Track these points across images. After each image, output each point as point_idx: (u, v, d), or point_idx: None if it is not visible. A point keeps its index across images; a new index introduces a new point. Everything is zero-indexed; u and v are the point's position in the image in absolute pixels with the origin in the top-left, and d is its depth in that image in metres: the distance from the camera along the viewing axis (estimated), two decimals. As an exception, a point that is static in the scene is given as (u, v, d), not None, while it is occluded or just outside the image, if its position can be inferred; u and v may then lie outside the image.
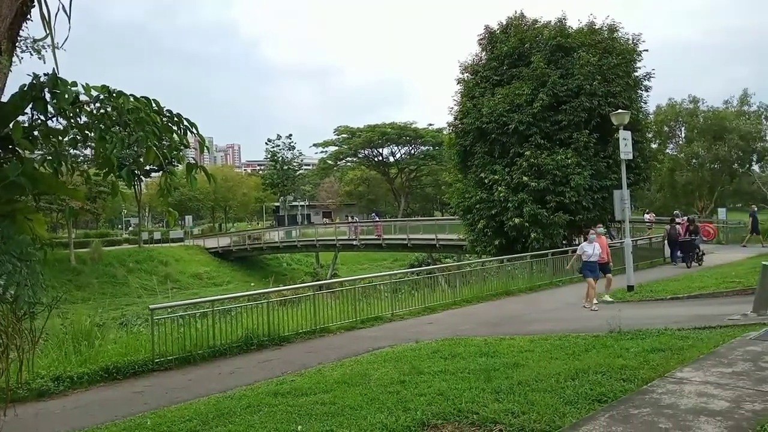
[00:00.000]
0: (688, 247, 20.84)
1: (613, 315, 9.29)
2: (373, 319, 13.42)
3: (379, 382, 6.90)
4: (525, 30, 24.79)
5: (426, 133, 71.18)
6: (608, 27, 24.36)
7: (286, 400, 6.72)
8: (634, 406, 4.70)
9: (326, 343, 11.32)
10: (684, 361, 6.11)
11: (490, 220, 23.76)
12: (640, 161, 23.46)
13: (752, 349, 6.39)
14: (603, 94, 22.12)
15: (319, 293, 13.60)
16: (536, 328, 10.58)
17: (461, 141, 25.37)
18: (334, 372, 8.07)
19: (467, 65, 26.31)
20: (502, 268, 18.67)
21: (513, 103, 22.88)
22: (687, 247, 20.87)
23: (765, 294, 9.42)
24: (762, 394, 4.77)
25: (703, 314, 10.11)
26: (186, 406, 7.14)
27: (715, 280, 14.90)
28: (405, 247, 39.88)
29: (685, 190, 48.71)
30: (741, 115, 48.04)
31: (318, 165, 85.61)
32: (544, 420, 4.69)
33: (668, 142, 50.68)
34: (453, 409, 5.32)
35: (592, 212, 22.75)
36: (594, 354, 7.10)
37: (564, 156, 22.01)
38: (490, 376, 6.45)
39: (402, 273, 19.48)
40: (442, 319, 13.38)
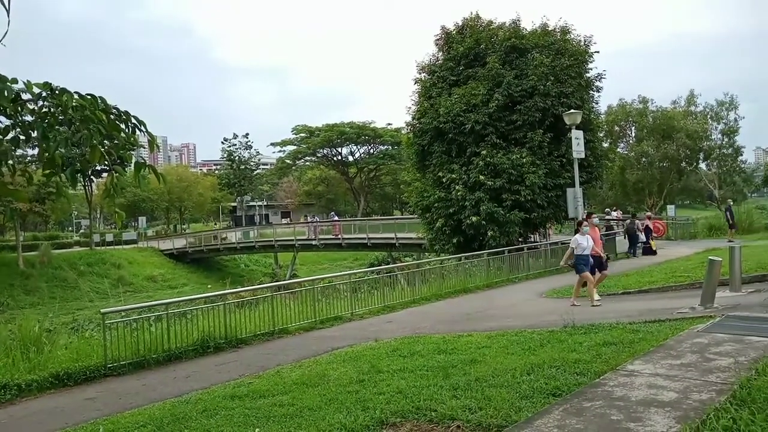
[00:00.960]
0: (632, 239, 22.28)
1: (566, 310, 9.50)
2: (332, 319, 13.36)
3: (338, 382, 6.88)
4: (480, 31, 25.10)
5: (385, 132, 71.32)
6: (561, 29, 24.88)
7: (244, 402, 6.63)
8: (587, 399, 4.81)
9: (285, 344, 11.22)
10: (635, 354, 6.29)
11: (448, 219, 23.99)
12: (592, 160, 24.07)
13: (699, 341, 6.62)
14: (556, 95, 22.59)
15: (278, 294, 13.46)
16: (494, 324, 10.71)
17: (419, 140, 25.52)
18: (293, 373, 8.01)
19: (424, 65, 26.48)
20: (460, 266, 18.87)
21: (469, 103, 23.14)
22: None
23: (711, 288, 9.80)
24: (708, 384, 4.95)
25: (654, 308, 10.43)
26: (140, 412, 6.98)
27: (664, 274, 15.39)
28: (365, 246, 39.87)
29: (636, 188, 50.26)
30: (688, 115, 49.87)
31: (276, 164, 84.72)
32: (501, 415, 4.76)
33: (619, 141, 52.21)
34: (411, 406, 5.34)
35: (547, 210, 23.23)
36: (549, 349, 7.24)
37: (519, 155, 22.39)
38: (448, 373, 6.51)
39: (362, 272, 19.47)
40: (401, 318, 13.43)
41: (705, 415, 4.15)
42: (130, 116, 3.34)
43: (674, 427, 3.98)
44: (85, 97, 3.13)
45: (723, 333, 6.93)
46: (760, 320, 7.67)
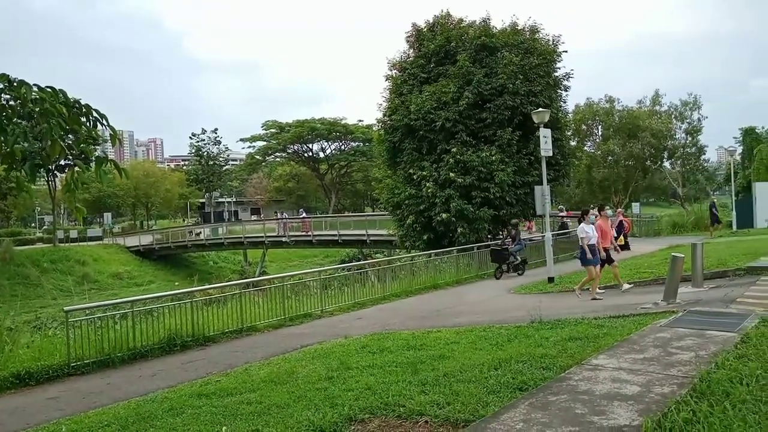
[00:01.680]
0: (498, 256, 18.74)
1: (534, 306, 9.65)
2: (302, 317, 13.31)
3: (307, 379, 6.86)
4: (451, 29, 25.22)
5: (356, 129, 71.17)
6: (530, 28, 25.15)
7: (211, 401, 6.56)
8: (552, 393, 4.89)
9: (253, 342, 11.14)
10: (599, 348, 6.42)
11: (419, 216, 24.08)
12: (560, 158, 24.42)
13: (662, 335, 6.79)
14: (525, 93, 22.85)
15: (247, 291, 13.35)
16: (462, 320, 10.81)
17: (390, 137, 25.54)
18: (261, 371, 7.95)
19: (395, 62, 26.50)
20: (430, 262, 18.99)
21: (440, 100, 23.25)
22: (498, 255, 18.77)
23: (674, 284, 10.06)
24: (670, 377, 5.08)
25: (618, 304, 10.66)
26: (104, 411, 6.86)
27: (629, 271, 15.73)
28: (335, 243, 39.79)
29: (602, 186, 51.16)
30: (653, 114, 50.92)
31: (245, 160, 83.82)
32: (468, 410, 4.80)
33: (586, 139, 53.05)
34: (380, 403, 5.36)
35: (516, 207, 23.50)
36: (516, 344, 7.34)
37: (488, 153, 22.58)
38: (417, 369, 6.54)
39: (332, 269, 19.42)
40: (371, 314, 13.45)
41: (666, 408, 4.26)
42: (92, 110, 3.26)
43: (637, 420, 4.07)
44: (44, 89, 3.04)
45: (685, 328, 7.12)
46: (720, 315, 7.90)
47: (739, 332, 6.56)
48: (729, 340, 6.25)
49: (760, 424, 3.85)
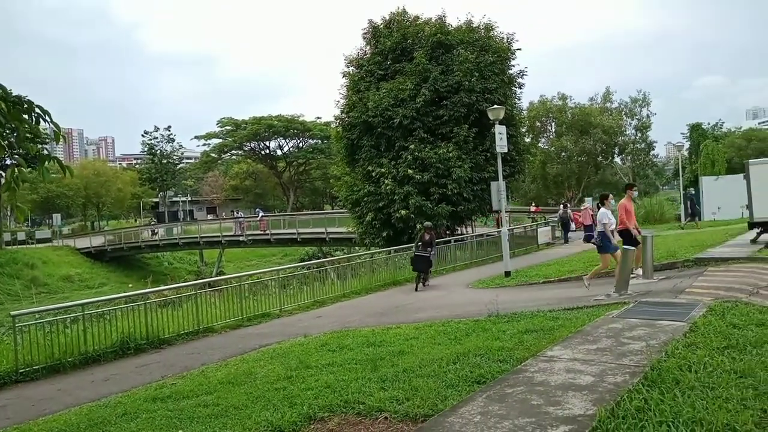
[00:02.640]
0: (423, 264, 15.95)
1: (491, 299, 9.78)
2: (260, 316, 13.15)
3: (266, 379, 6.78)
4: (407, 26, 25.32)
5: (314, 126, 70.72)
6: (485, 26, 25.48)
7: (167, 404, 6.42)
8: (509, 385, 4.95)
9: (210, 343, 10.94)
10: (555, 340, 6.54)
11: (378, 213, 24.12)
12: (515, 154, 24.84)
13: (614, 326, 6.96)
14: (481, 90, 23.13)
15: (203, 292, 13.10)
16: (422, 315, 10.86)
17: (348, 134, 25.50)
18: (219, 372, 7.83)
19: (352, 59, 26.45)
20: (390, 259, 19.01)
21: (397, 97, 23.32)
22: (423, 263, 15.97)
23: (626, 276, 10.33)
24: (622, 367, 5.21)
25: (572, 296, 10.89)
26: (55, 418, 6.64)
27: (583, 264, 16.07)
28: (294, 241, 39.46)
29: (556, 181, 52.33)
30: (604, 111, 52.34)
31: (200, 158, 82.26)
32: (427, 404, 4.82)
33: (540, 136, 54.14)
34: (340, 400, 5.33)
35: (473, 203, 23.80)
36: (474, 338, 7.42)
37: (446, 150, 22.79)
38: (377, 366, 6.54)
39: (291, 268, 19.24)
40: (331, 312, 13.39)
41: (619, 396, 4.37)
42: (34, 105, 3.12)
43: (591, 409, 4.16)
44: (-20, 83, 2.90)
45: (636, 318, 7.32)
46: (669, 305, 8.16)
47: (687, 321, 6.78)
48: (678, 329, 6.46)
49: (708, 409, 3.99)
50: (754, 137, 74.94)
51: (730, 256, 13.07)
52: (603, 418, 3.91)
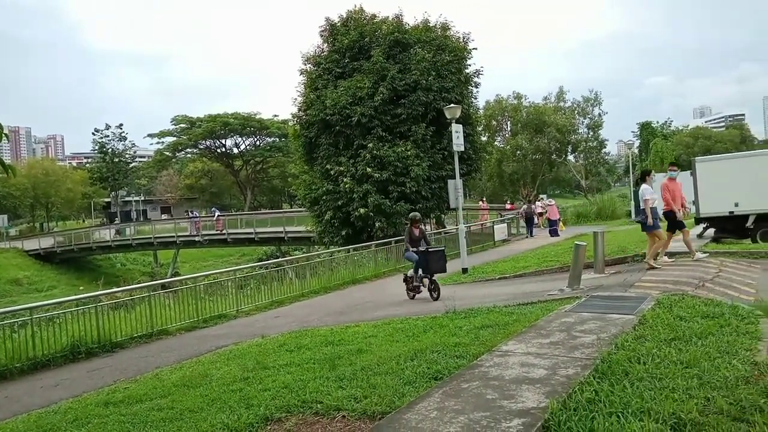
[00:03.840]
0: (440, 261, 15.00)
1: (448, 296, 9.87)
2: (216, 318, 12.96)
3: (222, 381, 6.68)
4: (364, 24, 25.32)
5: (271, 124, 69.92)
6: (441, 25, 25.70)
7: (119, 409, 6.26)
8: (465, 380, 5.01)
9: (165, 346, 10.73)
10: (509, 335, 6.65)
11: (337, 211, 24.07)
12: (472, 153, 25.16)
13: (566, 320, 7.12)
14: (438, 89, 23.33)
15: (157, 294, 12.81)
16: (381, 313, 10.89)
17: (306, 133, 25.35)
18: (173, 375, 7.67)
19: (310, 56, 26.30)
20: (349, 257, 19.00)
21: (355, 95, 23.30)
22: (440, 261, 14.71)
23: (578, 271, 10.59)
24: (574, 360, 5.34)
25: (527, 291, 11.10)
26: (1, 427, 6.38)
27: (537, 260, 16.42)
28: (252, 241, 39.00)
29: (512, 179, 53.22)
30: (558, 110, 53.50)
31: (154, 157, 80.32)
32: (385, 402, 4.84)
33: (496, 135, 54.96)
34: (297, 400, 5.30)
35: (431, 201, 24.00)
36: (431, 334, 7.47)
37: (404, 148, 22.91)
38: (335, 364, 6.52)
39: (249, 267, 19.01)
40: (290, 312, 13.30)
41: (571, 389, 4.47)
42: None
43: (544, 402, 4.25)
44: None
45: (587, 312, 7.51)
46: (619, 299, 8.40)
47: (636, 314, 6.99)
48: (628, 322, 6.65)
49: (655, 399, 4.13)
50: (701, 135, 77.98)
51: (677, 251, 13.55)
52: (555, 411, 4.00)
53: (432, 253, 12.46)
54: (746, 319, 6.28)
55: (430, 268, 12.24)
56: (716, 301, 7.45)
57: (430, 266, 12.24)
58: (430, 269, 12.25)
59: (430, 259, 12.27)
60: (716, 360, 4.91)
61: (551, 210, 28.01)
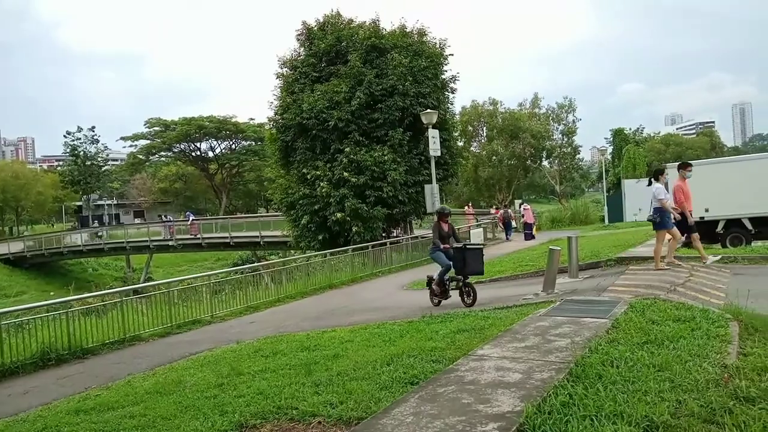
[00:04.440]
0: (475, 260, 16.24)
1: (426, 300, 9.90)
2: (190, 323, 12.79)
3: (196, 387, 6.59)
4: (341, 29, 25.33)
5: (247, 127, 69.38)
6: (418, 31, 25.82)
7: (90, 416, 6.14)
8: (441, 384, 5.02)
9: (137, 352, 10.55)
10: (485, 339, 6.68)
11: (314, 216, 23.99)
12: (448, 158, 25.30)
13: (541, 324, 7.18)
14: (414, 95, 23.43)
15: (130, 299, 12.60)
16: (357, 318, 10.86)
17: (282, 136, 25.24)
18: (146, 382, 7.55)
19: (286, 60, 26.21)
20: (326, 262, 18.94)
21: (332, 100, 23.28)
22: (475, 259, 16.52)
23: (552, 275, 10.70)
24: (549, 363, 5.38)
25: (502, 295, 11.17)
26: (-36, 438, 6.20)
27: (513, 264, 16.56)
28: (227, 245, 38.66)
29: (487, 184, 53.64)
30: (533, 116, 54.11)
31: (127, 160, 79.11)
32: (361, 407, 4.82)
33: (472, 140, 55.35)
34: (272, 407, 5.25)
35: (408, 206, 24.06)
36: (408, 339, 7.47)
37: (381, 153, 22.94)
38: (311, 370, 6.48)
39: (224, 272, 18.80)
40: (265, 317, 13.20)
41: (545, 392, 4.50)
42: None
43: (519, 406, 4.27)
44: None
45: (562, 316, 7.58)
46: (593, 303, 8.50)
47: (610, 318, 7.07)
48: (601, 326, 6.73)
49: (628, 402, 4.18)
50: (672, 142, 79.59)
51: (649, 256, 13.77)
52: (530, 414, 4.02)
53: (471, 252, 10.83)
54: (716, 322, 6.39)
55: (467, 269, 10.66)
56: (687, 305, 7.58)
57: (468, 267, 10.64)
58: (466, 270, 10.67)
59: (469, 259, 10.63)
60: (687, 363, 4.98)
61: (526, 214, 29.36)
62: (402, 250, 22.12)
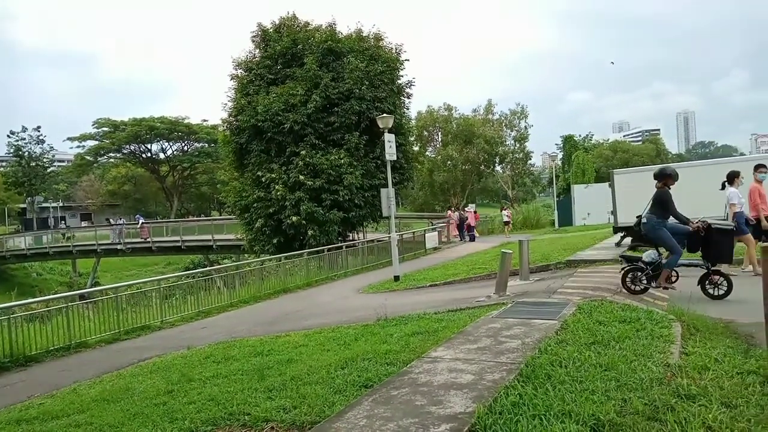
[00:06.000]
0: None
1: (380, 304, 9.92)
2: (139, 329, 12.47)
3: (144, 395, 6.42)
4: (297, 31, 25.22)
5: (200, 129, 68.14)
6: (374, 35, 25.92)
7: (33, 426, 5.92)
8: (395, 387, 5.04)
9: (84, 359, 10.22)
10: (439, 341, 6.75)
11: (268, 219, 23.74)
12: (404, 162, 25.46)
13: (493, 326, 7.31)
14: (371, 99, 23.50)
15: (75, 305, 12.18)
16: (312, 322, 10.79)
17: (237, 138, 24.91)
18: (92, 389, 7.32)
19: (241, 62, 25.91)
20: (280, 266, 18.76)
21: (288, 102, 23.12)
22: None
23: (504, 278, 10.90)
24: (500, 364, 5.48)
25: (456, 298, 11.31)
26: None
27: (466, 267, 16.78)
28: (179, 249, 37.83)
29: (442, 188, 54.20)
30: (486, 122, 54.96)
31: (74, 161, 76.50)
32: (314, 411, 4.80)
33: (428, 145, 55.86)
34: (224, 413, 5.16)
35: (364, 209, 24.08)
36: (363, 342, 7.47)
37: (337, 156, 22.90)
38: (264, 375, 6.40)
39: (174, 277, 18.42)
40: (218, 322, 12.98)
41: (497, 393, 4.58)
42: None
43: (471, 407, 4.33)
44: None
45: (513, 318, 7.73)
46: (543, 305, 8.70)
47: (559, 320, 7.26)
48: (551, 327, 6.90)
49: (576, 402, 4.29)
50: (619, 149, 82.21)
51: (597, 258, 14.23)
52: (481, 415, 4.09)
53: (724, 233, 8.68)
54: (660, 323, 6.63)
55: (719, 254, 8.69)
56: (633, 306, 7.84)
57: (721, 250, 8.66)
58: (717, 255, 8.74)
59: (722, 242, 8.64)
60: (633, 362, 5.15)
61: (471, 217, 31.37)
62: (358, 253, 22.12)
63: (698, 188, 15.74)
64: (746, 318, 7.03)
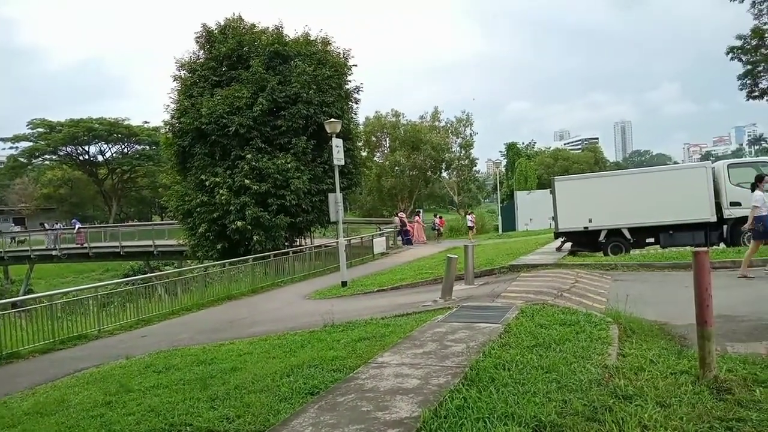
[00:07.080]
0: None
1: (327, 310, 9.87)
2: (75, 338, 11.99)
3: (81, 406, 6.17)
4: (243, 33, 24.87)
5: (141, 130, 66.02)
6: (322, 40, 25.85)
7: (-44, 445, 5.58)
8: (341, 393, 5.03)
9: (15, 370, 9.74)
10: (385, 346, 6.77)
11: (212, 224, 23.25)
12: (352, 167, 25.45)
13: (439, 330, 7.40)
14: (318, 103, 23.40)
15: (6, 313, 11.61)
16: (258, 329, 10.64)
17: (179, 141, 24.30)
18: (25, 402, 6.98)
19: (184, 62, 25.34)
20: (225, 272, 18.41)
21: (233, 105, 22.74)
22: None
23: (449, 282, 11.05)
24: (445, 368, 5.55)
25: (403, 303, 11.38)
26: None
27: (413, 272, 16.90)
28: (117, 255, 36.55)
29: (390, 194, 54.43)
30: (433, 129, 55.58)
31: (6, 163, 72.77)
32: (259, 420, 4.73)
33: (376, 150, 55.99)
34: (165, 424, 5.02)
35: (311, 214, 23.92)
36: (309, 349, 7.42)
37: (284, 160, 22.67)
38: (207, 384, 6.27)
39: (113, 284, 17.76)
40: (158, 331, 12.63)
41: (442, 397, 4.64)
42: None
43: (416, 411, 4.37)
44: None
45: (458, 322, 7.84)
46: (487, 309, 8.86)
47: (502, 323, 7.41)
48: (494, 330, 7.04)
49: (518, 404, 4.39)
50: (560, 156, 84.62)
51: (539, 263, 14.60)
52: (427, 419, 4.13)
53: None
54: (599, 325, 6.87)
55: None
56: (573, 309, 8.09)
57: None
58: None
59: None
60: (573, 364, 5.31)
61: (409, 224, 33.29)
62: (305, 259, 21.94)
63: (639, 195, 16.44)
64: (680, 320, 7.37)
